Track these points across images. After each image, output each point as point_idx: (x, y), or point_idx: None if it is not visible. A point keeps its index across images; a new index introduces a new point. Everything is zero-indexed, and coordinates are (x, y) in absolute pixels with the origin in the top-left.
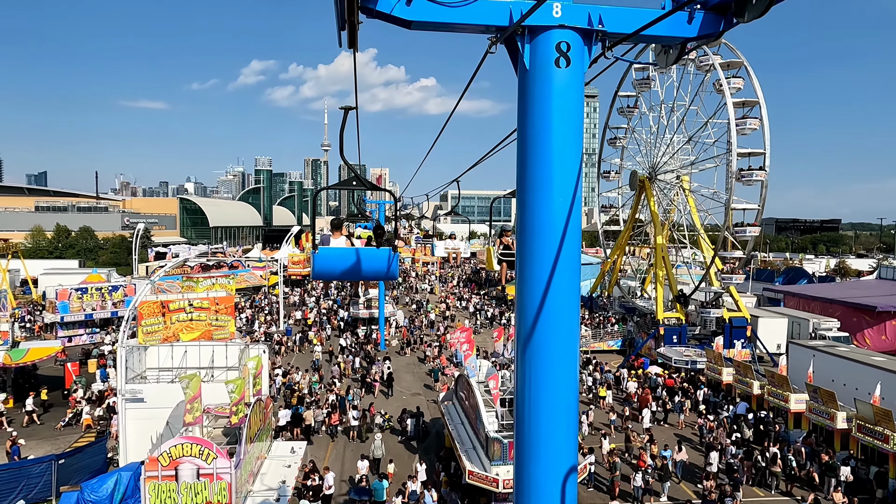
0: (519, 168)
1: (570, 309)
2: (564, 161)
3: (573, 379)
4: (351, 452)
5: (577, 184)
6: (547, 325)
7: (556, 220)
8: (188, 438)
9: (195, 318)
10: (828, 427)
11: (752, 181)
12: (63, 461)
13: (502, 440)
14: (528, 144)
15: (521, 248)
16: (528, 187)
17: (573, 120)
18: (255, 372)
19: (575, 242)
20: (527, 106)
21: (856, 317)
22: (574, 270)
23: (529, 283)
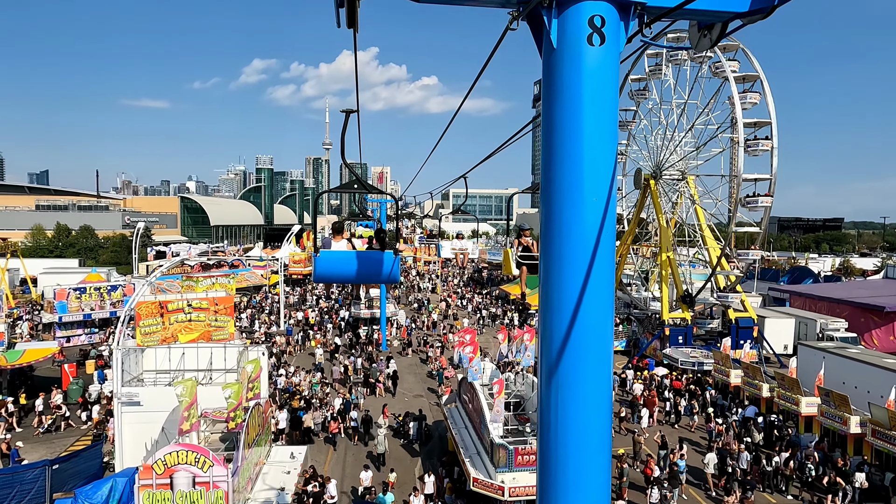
0: (545, 161)
1: (603, 319)
2: (597, 152)
3: (607, 406)
4: (352, 456)
5: (612, 178)
6: (579, 340)
7: (589, 220)
8: (183, 446)
9: (194, 318)
10: (841, 431)
11: (759, 151)
12: (57, 466)
13: (508, 446)
14: (555, 134)
15: (546, 252)
16: (556, 182)
17: (607, 105)
18: (254, 375)
19: (609, 245)
20: (553, 90)
21: (863, 317)
22: (609, 277)
23: (557, 290)
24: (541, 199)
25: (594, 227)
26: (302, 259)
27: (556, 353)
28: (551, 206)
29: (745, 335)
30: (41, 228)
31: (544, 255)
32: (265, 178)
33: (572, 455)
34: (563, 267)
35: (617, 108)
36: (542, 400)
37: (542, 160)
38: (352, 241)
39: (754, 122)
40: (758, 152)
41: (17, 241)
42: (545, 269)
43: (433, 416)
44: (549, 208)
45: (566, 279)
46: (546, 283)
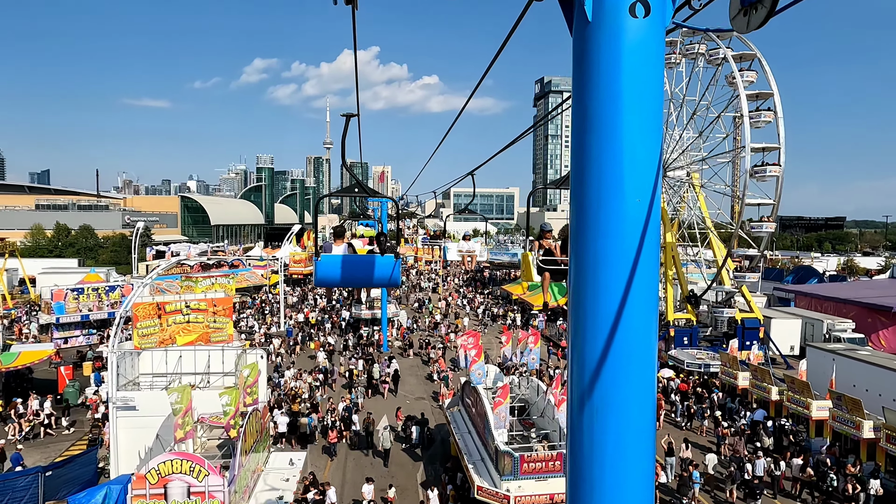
0: (576, 155)
1: (647, 339)
2: (640, 144)
3: (650, 439)
4: (353, 461)
5: (658, 174)
6: (618, 363)
7: (630, 224)
8: (178, 454)
9: (192, 319)
10: (853, 436)
11: (767, 177)
12: (50, 473)
13: (513, 453)
14: (590, 123)
15: (578, 261)
16: (590, 180)
17: (651, 88)
18: (251, 380)
19: (653, 253)
20: (587, 72)
21: (871, 317)
22: (653, 290)
23: (593, 307)
24: (571, 199)
25: (635, 232)
26: (302, 259)
27: (590, 377)
28: (584, 208)
29: (752, 336)
30: (41, 228)
31: (576, 265)
32: (266, 178)
33: (609, 496)
34: (600, 280)
35: (662, 91)
36: (574, 431)
37: (573, 154)
38: (352, 244)
39: (756, 94)
40: (760, 123)
41: (14, 241)
42: (576, 280)
43: (435, 419)
44: (581, 210)
45: (603, 293)
46: (578, 297)
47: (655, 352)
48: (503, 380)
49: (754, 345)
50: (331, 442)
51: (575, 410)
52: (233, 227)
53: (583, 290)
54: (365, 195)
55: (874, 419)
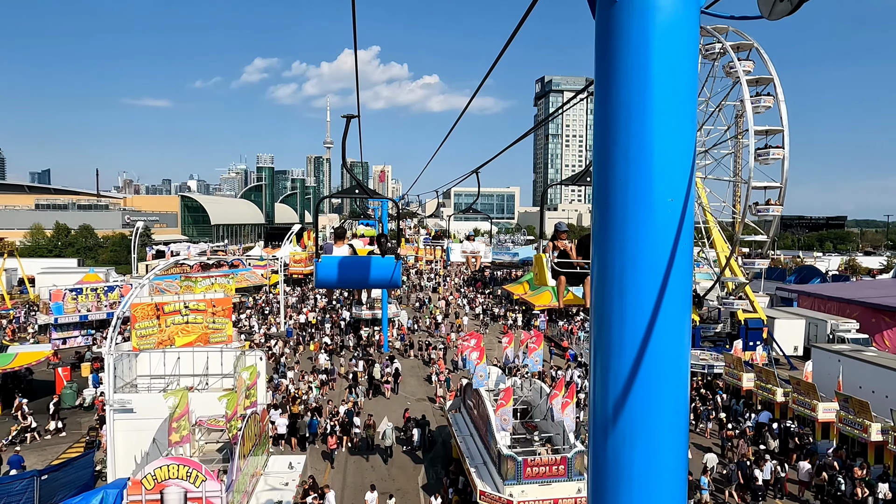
0: (599, 150)
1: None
2: (672, 138)
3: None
4: (353, 465)
5: (692, 172)
6: (647, 386)
7: (661, 228)
8: (174, 459)
9: (191, 320)
10: (860, 439)
11: (771, 160)
12: (46, 477)
13: (516, 458)
14: (615, 115)
15: (601, 269)
16: (615, 179)
17: (685, 75)
18: (250, 383)
19: (687, 260)
20: (612, 57)
21: (874, 318)
22: (685, 302)
23: (619, 321)
24: (593, 199)
25: (667, 236)
26: (303, 258)
27: (616, 402)
28: (609, 209)
29: (755, 336)
30: (40, 228)
31: (599, 272)
32: (266, 177)
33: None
34: (627, 291)
35: (696, 78)
36: (597, 461)
37: (596, 148)
38: (353, 245)
39: (766, 130)
40: (769, 161)
41: (13, 241)
42: (600, 290)
43: (435, 421)
44: (605, 211)
45: (631, 306)
46: (602, 311)
47: (688, 372)
48: (505, 381)
49: (758, 345)
50: (330, 448)
51: (598, 439)
52: (233, 226)
53: (608, 302)
54: (365, 196)
55: (882, 422)
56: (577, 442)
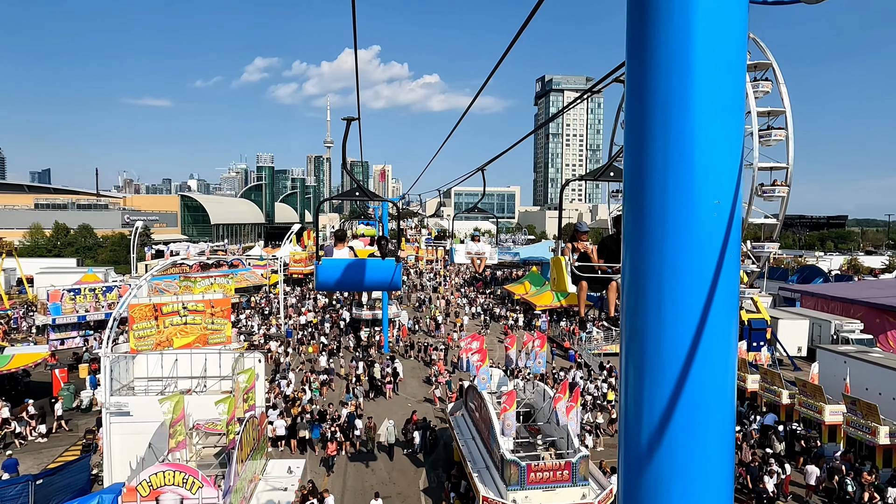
0: (631, 144)
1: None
2: (717, 127)
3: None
4: (354, 468)
5: (740, 170)
6: (688, 421)
7: (706, 228)
8: (170, 465)
9: (190, 321)
10: (869, 442)
11: (773, 140)
12: (41, 481)
13: (520, 462)
14: (652, 101)
15: (636, 279)
16: (651, 172)
17: (731, 59)
18: (248, 386)
19: (734, 271)
20: (648, 37)
21: (879, 318)
22: (733, 312)
23: (656, 339)
24: (625, 199)
25: (713, 244)
26: (303, 258)
27: (650, 433)
28: (645, 211)
29: (759, 337)
30: (39, 227)
31: (632, 283)
32: (266, 177)
33: None
34: (665, 304)
35: (745, 62)
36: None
37: (628, 142)
38: (353, 248)
39: (768, 112)
40: (771, 142)
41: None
42: (632, 302)
43: (434, 422)
44: (640, 213)
45: (670, 323)
46: (634, 325)
47: (735, 399)
48: (507, 384)
49: (762, 346)
50: (329, 454)
51: (630, 476)
52: (233, 226)
53: (642, 315)
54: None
55: (890, 424)
56: (581, 446)
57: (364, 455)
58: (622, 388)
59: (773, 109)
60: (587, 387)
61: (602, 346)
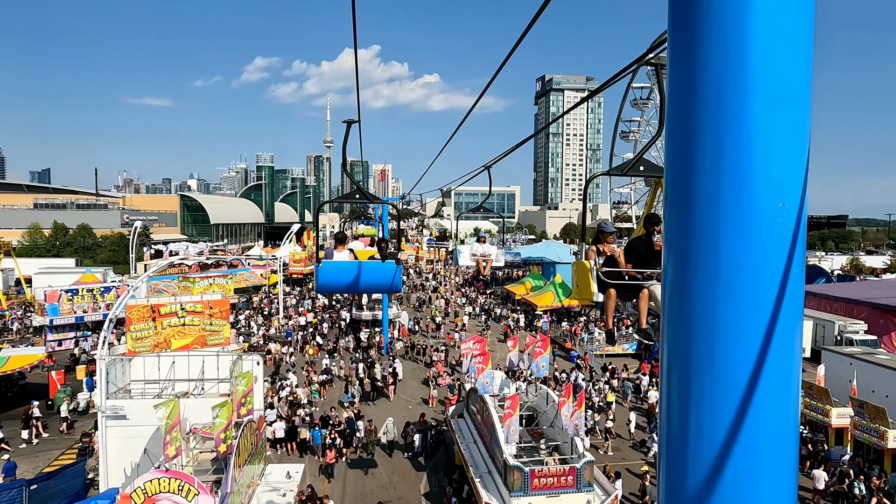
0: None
1: (788, 401)
2: (781, 119)
3: None
4: (354, 473)
5: (806, 169)
6: (749, 447)
7: (767, 231)
8: (165, 472)
9: (188, 322)
10: (877, 446)
11: None
12: (35, 486)
13: (523, 468)
14: (700, 89)
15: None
16: (700, 171)
17: (798, 36)
18: (246, 390)
19: (800, 276)
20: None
21: (883, 318)
22: (798, 329)
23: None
24: (667, 198)
25: (778, 253)
26: (302, 258)
27: (699, 484)
28: (692, 218)
29: None
30: (38, 227)
31: (677, 295)
32: (266, 176)
33: None
34: (720, 324)
35: (812, 39)
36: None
37: (670, 135)
38: (353, 251)
39: None
40: None
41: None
42: (678, 317)
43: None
44: (685, 220)
45: (724, 348)
46: (679, 347)
47: (798, 439)
48: (509, 386)
49: None
50: (328, 462)
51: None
52: (232, 225)
53: (689, 339)
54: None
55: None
56: (585, 451)
57: (364, 459)
58: (663, 420)
59: None
60: (590, 389)
61: (604, 347)
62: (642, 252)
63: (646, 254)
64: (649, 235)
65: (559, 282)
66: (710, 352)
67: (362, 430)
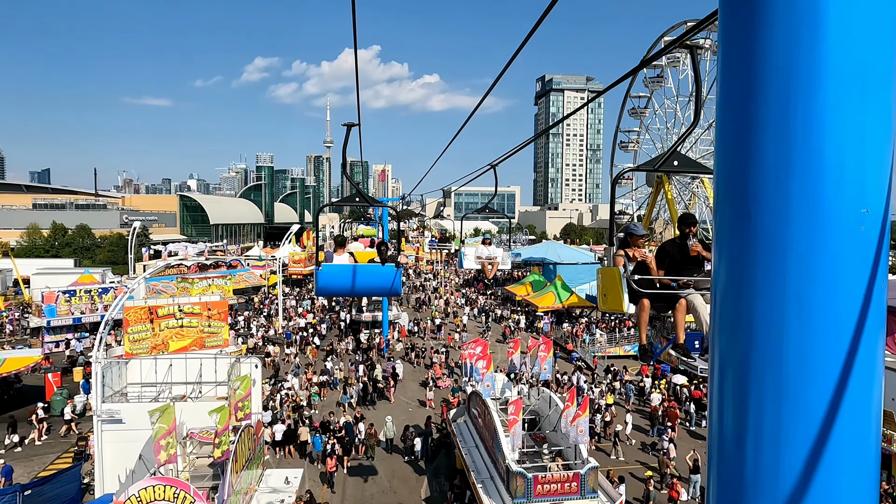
0: (730, 114)
1: (868, 433)
2: (858, 101)
3: None
4: (353, 477)
5: (891, 156)
6: (824, 484)
7: (846, 240)
8: (160, 479)
9: (186, 324)
10: (884, 451)
11: None
12: (30, 492)
13: (526, 474)
14: (761, 64)
15: (742, 292)
16: (762, 169)
17: (881, 19)
18: (243, 394)
19: (882, 293)
20: None
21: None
22: (880, 350)
23: (772, 377)
24: (717, 197)
25: (860, 272)
26: (302, 259)
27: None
28: (751, 219)
29: None
30: (37, 227)
31: (730, 314)
32: (266, 176)
33: None
34: (787, 352)
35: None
36: None
37: (721, 126)
38: (353, 254)
39: None
40: None
41: (7, 241)
42: (731, 339)
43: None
44: (742, 226)
45: (793, 377)
46: (732, 371)
47: (878, 482)
48: (511, 389)
49: None
50: (329, 471)
51: None
52: (232, 226)
53: (748, 362)
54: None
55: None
56: (589, 457)
57: (364, 463)
58: (713, 454)
59: None
60: (594, 393)
61: (605, 348)
62: (676, 257)
63: (680, 259)
64: (684, 238)
65: (560, 282)
66: (778, 379)
67: (363, 433)
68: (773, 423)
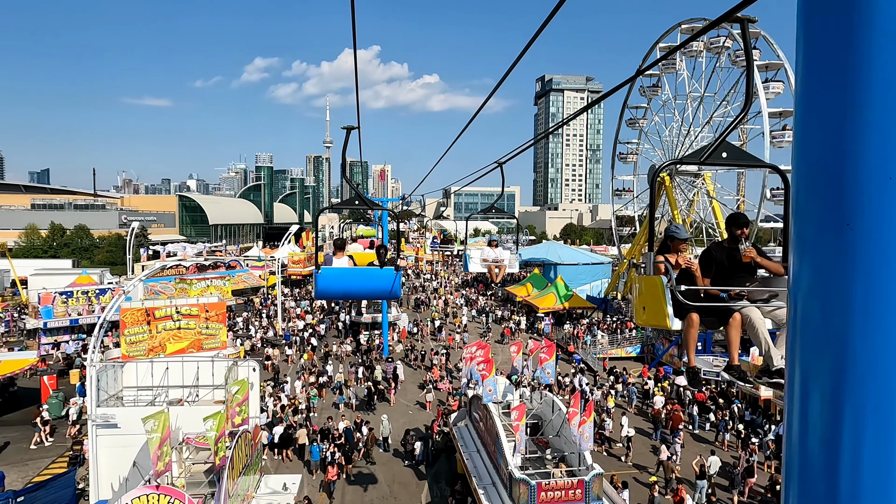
0: (814, 97)
1: None
2: None
3: None
4: (353, 480)
5: None
6: None
7: None
8: (154, 488)
9: (183, 326)
10: None
11: (785, 142)
12: (22, 499)
13: (529, 481)
14: (864, 33)
15: (832, 302)
16: (866, 150)
17: None
18: (240, 399)
19: None
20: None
21: None
22: None
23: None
24: (796, 197)
25: None
26: (301, 259)
27: None
28: (846, 221)
29: None
30: (35, 228)
31: (814, 313)
32: (265, 177)
33: None
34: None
35: None
36: None
37: (802, 111)
38: (353, 257)
39: (780, 112)
40: (783, 144)
41: (5, 242)
42: (820, 342)
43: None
44: (835, 223)
45: None
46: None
47: None
48: (513, 392)
49: None
50: (329, 479)
51: None
52: (231, 226)
53: (845, 372)
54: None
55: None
56: (594, 463)
57: (364, 470)
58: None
59: (786, 110)
60: (598, 396)
61: (607, 350)
62: (725, 263)
63: (729, 266)
64: (734, 241)
65: (561, 283)
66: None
67: (365, 435)
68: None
